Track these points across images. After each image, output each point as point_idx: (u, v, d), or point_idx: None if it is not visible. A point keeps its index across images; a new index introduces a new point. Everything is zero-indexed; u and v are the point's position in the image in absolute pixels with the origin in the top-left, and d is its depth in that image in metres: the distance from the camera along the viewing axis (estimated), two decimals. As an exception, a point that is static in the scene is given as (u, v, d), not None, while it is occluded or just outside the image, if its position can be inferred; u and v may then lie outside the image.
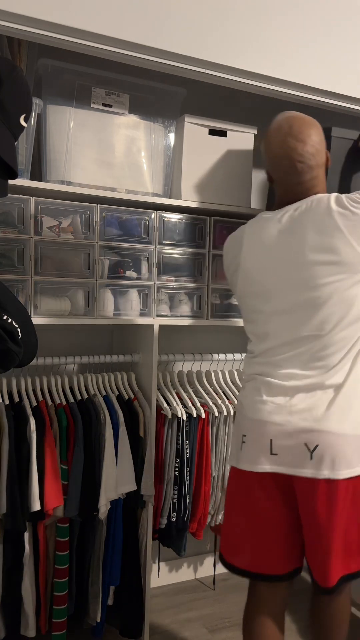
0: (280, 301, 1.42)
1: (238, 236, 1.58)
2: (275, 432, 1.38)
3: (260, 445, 1.40)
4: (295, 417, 1.37)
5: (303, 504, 1.41)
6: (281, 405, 1.39)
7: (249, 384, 1.50)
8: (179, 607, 2.34)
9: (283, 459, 1.37)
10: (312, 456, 1.34)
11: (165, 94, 1.97)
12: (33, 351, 1.19)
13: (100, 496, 1.84)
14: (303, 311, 1.39)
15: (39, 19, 1.43)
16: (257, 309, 1.48)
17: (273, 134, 1.46)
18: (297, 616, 2.29)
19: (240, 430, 1.47)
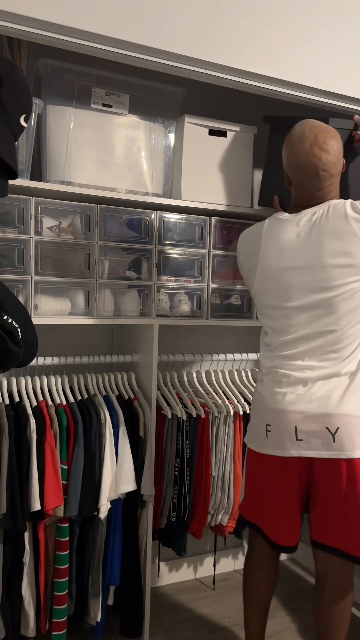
0: (299, 299, 1.55)
1: (255, 235, 1.67)
2: (299, 420, 1.53)
3: (286, 433, 1.54)
4: (315, 404, 1.52)
5: (325, 483, 1.56)
6: (301, 394, 1.54)
7: (268, 377, 1.63)
8: (179, 607, 2.34)
9: (308, 443, 1.53)
10: (335, 438, 1.50)
11: (165, 94, 1.97)
12: (33, 351, 1.19)
13: (101, 496, 1.84)
14: (320, 309, 1.52)
15: (39, 19, 1.43)
16: (275, 305, 1.60)
17: (297, 142, 1.57)
18: (297, 616, 2.29)
19: (264, 420, 1.61)
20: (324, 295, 1.51)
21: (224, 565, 2.64)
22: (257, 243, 1.65)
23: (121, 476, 1.89)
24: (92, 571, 1.92)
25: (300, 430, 1.53)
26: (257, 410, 1.66)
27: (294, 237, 1.55)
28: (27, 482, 1.75)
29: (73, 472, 1.81)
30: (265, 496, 1.66)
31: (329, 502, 1.57)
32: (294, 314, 1.56)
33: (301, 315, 1.55)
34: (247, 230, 1.76)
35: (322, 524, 1.61)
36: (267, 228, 1.63)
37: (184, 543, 2.20)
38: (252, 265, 1.67)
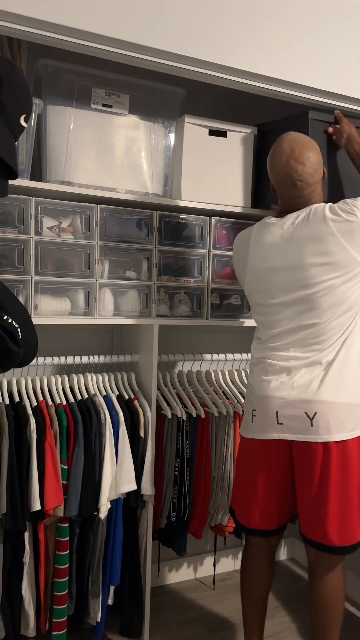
0: (283, 297, 1.66)
1: (245, 238, 1.80)
2: (280, 405, 1.63)
3: (268, 417, 1.65)
4: (296, 391, 1.62)
5: (302, 466, 1.64)
6: (284, 382, 1.65)
7: (257, 367, 1.74)
8: (179, 607, 2.34)
9: (288, 427, 1.63)
10: (312, 423, 1.59)
11: (165, 94, 1.97)
12: (33, 351, 1.19)
13: (101, 496, 1.84)
14: (303, 305, 1.63)
15: (39, 19, 1.43)
16: (263, 302, 1.72)
17: (277, 156, 1.67)
18: (297, 616, 2.29)
19: (251, 406, 1.72)
20: (305, 292, 1.62)
21: (224, 565, 2.64)
22: (247, 246, 1.76)
23: (121, 476, 1.89)
24: (92, 571, 1.92)
25: (281, 414, 1.63)
26: (246, 397, 1.79)
27: (278, 239, 1.67)
28: (27, 482, 1.75)
29: (73, 472, 1.81)
30: (244, 479, 1.75)
31: (304, 489, 1.65)
32: (279, 310, 1.68)
33: (286, 310, 1.66)
34: (240, 233, 1.85)
35: (305, 516, 1.68)
36: (255, 231, 1.75)
37: (184, 543, 2.20)
38: (243, 267, 1.78)
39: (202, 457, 2.14)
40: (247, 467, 1.74)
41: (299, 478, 1.66)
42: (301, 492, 1.67)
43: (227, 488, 2.19)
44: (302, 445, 1.62)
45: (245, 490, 1.74)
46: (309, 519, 1.66)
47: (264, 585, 1.81)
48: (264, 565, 1.80)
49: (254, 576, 1.81)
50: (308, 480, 1.63)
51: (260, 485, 1.70)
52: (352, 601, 2.40)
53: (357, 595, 2.42)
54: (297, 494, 1.69)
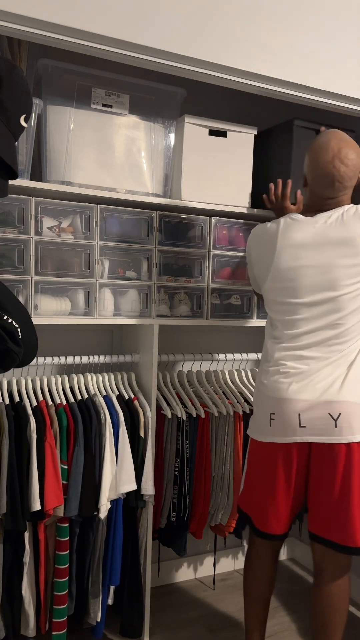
0: (309, 296, 1.64)
1: (270, 234, 1.73)
2: (302, 407, 1.61)
3: (290, 420, 1.62)
4: (318, 393, 1.60)
5: (323, 468, 1.63)
6: (306, 384, 1.62)
7: (273, 368, 1.70)
8: (179, 607, 2.34)
9: (311, 429, 1.60)
10: (336, 424, 1.58)
11: (165, 94, 1.97)
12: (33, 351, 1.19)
13: (101, 496, 1.84)
14: (329, 306, 1.62)
15: (39, 19, 1.43)
16: (287, 301, 1.68)
17: (321, 151, 1.65)
18: (297, 616, 2.29)
19: (268, 409, 1.68)
20: (332, 293, 1.61)
21: (224, 565, 2.64)
22: (273, 242, 1.70)
23: (121, 476, 1.89)
24: (92, 571, 1.92)
25: (303, 417, 1.61)
26: (261, 401, 1.73)
27: (309, 238, 1.64)
28: (27, 482, 1.75)
29: (73, 472, 1.81)
30: (262, 484, 1.71)
31: (324, 490, 1.63)
32: (303, 310, 1.65)
33: (311, 310, 1.64)
34: (259, 228, 1.80)
35: (318, 515, 1.67)
36: (283, 228, 1.70)
37: (184, 543, 2.20)
38: (266, 264, 1.73)
39: (202, 457, 2.14)
40: (265, 471, 1.70)
41: (317, 479, 1.65)
42: (318, 493, 1.65)
43: (227, 488, 2.19)
44: (324, 446, 1.61)
45: (263, 495, 1.71)
46: (326, 519, 1.64)
47: (267, 586, 1.81)
48: (267, 566, 1.80)
49: (257, 577, 1.80)
50: (329, 482, 1.61)
51: (279, 490, 1.67)
52: (352, 601, 2.40)
53: (357, 595, 2.42)
54: (312, 495, 1.67)
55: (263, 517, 1.72)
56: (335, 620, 1.68)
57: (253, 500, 1.76)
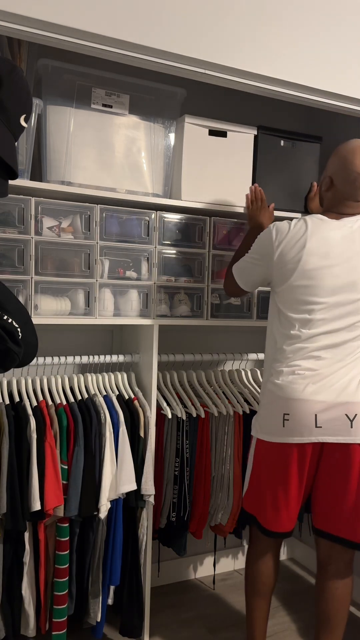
0: (332, 297, 1.66)
1: (299, 233, 1.71)
2: (319, 408, 1.63)
3: (306, 421, 1.64)
4: (334, 394, 1.63)
5: (336, 467, 1.66)
6: (322, 385, 1.64)
7: (288, 369, 1.70)
8: (179, 607, 2.34)
9: (327, 430, 1.63)
10: (352, 424, 1.61)
11: (165, 94, 1.97)
12: (33, 351, 1.19)
13: (101, 496, 1.84)
14: (348, 308, 1.66)
15: (39, 19, 1.43)
16: (309, 299, 1.69)
17: (352, 154, 1.69)
18: (297, 616, 2.29)
19: (281, 410, 1.68)
20: (354, 296, 1.65)
21: (224, 565, 2.64)
22: (302, 241, 1.69)
23: (121, 476, 1.89)
24: (92, 571, 1.92)
25: (320, 418, 1.63)
26: (272, 401, 1.71)
27: (339, 239, 1.68)
28: (27, 482, 1.75)
29: (73, 472, 1.81)
30: (272, 485, 1.72)
31: (337, 489, 1.66)
32: (324, 310, 1.67)
33: (331, 311, 1.67)
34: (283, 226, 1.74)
35: (327, 512, 1.70)
36: (312, 228, 1.70)
37: (184, 543, 2.20)
38: (291, 262, 1.70)
39: (202, 457, 2.14)
40: (275, 472, 1.71)
41: (329, 478, 1.68)
42: (330, 491, 1.68)
43: (227, 488, 2.19)
44: (339, 447, 1.64)
45: (274, 495, 1.71)
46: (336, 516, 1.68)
47: (271, 580, 1.83)
48: (270, 562, 1.82)
49: (261, 571, 1.82)
50: (342, 481, 1.65)
51: (292, 489, 1.69)
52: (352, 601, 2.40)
53: (357, 595, 2.42)
54: (320, 493, 1.71)
55: (274, 517, 1.73)
56: (339, 615, 1.72)
57: (261, 501, 1.76)
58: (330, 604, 1.72)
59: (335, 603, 1.71)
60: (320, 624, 1.75)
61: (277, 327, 1.77)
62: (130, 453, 1.92)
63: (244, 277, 1.85)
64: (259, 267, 1.80)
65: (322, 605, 1.74)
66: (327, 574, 1.73)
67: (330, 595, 1.72)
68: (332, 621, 1.72)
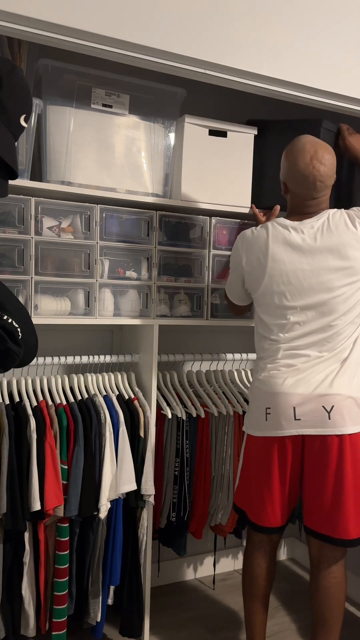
0: (305, 300, 1.69)
1: (260, 239, 1.76)
2: (298, 401, 1.66)
3: (285, 414, 1.67)
4: (312, 387, 1.66)
5: (316, 460, 1.67)
6: (300, 379, 1.68)
7: (270, 366, 1.75)
8: (179, 607, 2.34)
9: (305, 422, 1.65)
10: (330, 416, 1.64)
11: (165, 94, 1.97)
12: (33, 351, 1.19)
13: (101, 496, 1.84)
14: (322, 308, 1.68)
15: (39, 19, 1.43)
16: (282, 305, 1.73)
17: (300, 155, 1.71)
18: (297, 616, 2.30)
19: (263, 404, 1.72)
20: (325, 296, 1.67)
21: (224, 565, 2.64)
22: (264, 247, 1.74)
23: (121, 476, 1.89)
24: (92, 571, 1.92)
25: (298, 410, 1.66)
26: (257, 396, 1.76)
27: (300, 242, 1.70)
28: (27, 482, 1.75)
29: (73, 472, 1.81)
30: (257, 478, 1.74)
31: (318, 483, 1.67)
32: (297, 313, 1.70)
33: (305, 313, 1.70)
34: (247, 234, 1.81)
35: (312, 509, 1.70)
36: (273, 233, 1.74)
37: (184, 543, 2.20)
38: (258, 270, 1.76)
39: (202, 457, 2.14)
40: (260, 466, 1.73)
41: (311, 472, 1.69)
42: (312, 485, 1.69)
43: (227, 488, 2.19)
44: (318, 439, 1.65)
45: (259, 489, 1.74)
46: (319, 513, 1.68)
47: (266, 582, 1.82)
48: (266, 561, 1.82)
49: (256, 573, 1.82)
50: (322, 474, 1.66)
51: (275, 483, 1.71)
52: (352, 601, 2.40)
53: (357, 595, 2.42)
54: (306, 488, 1.71)
55: (260, 511, 1.74)
56: (334, 613, 1.71)
57: (249, 495, 1.78)
58: (325, 603, 1.72)
59: (330, 601, 1.71)
60: (316, 622, 1.74)
61: (259, 330, 1.83)
62: (130, 453, 1.92)
63: (231, 292, 1.94)
64: (236, 276, 1.87)
65: (317, 604, 1.74)
66: (319, 572, 1.73)
67: (325, 593, 1.71)
68: (328, 620, 1.72)
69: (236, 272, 1.86)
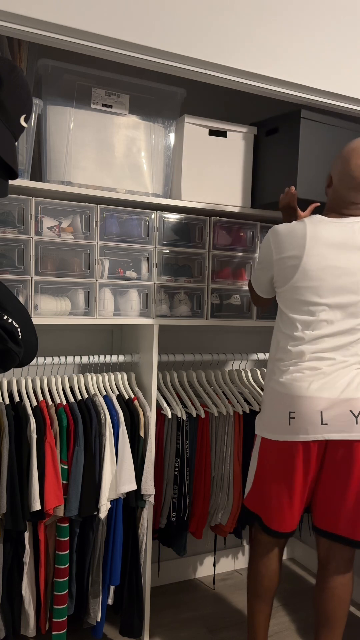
0: (334, 298, 1.67)
1: (298, 233, 1.71)
2: (324, 405, 1.63)
3: (311, 418, 1.64)
4: (338, 391, 1.64)
5: (339, 464, 1.66)
6: (325, 382, 1.65)
7: (293, 367, 1.71)
8: (179, 607, 2.34)
9: (332, 426, 1.63)
10: (357, 420, 1.62)
11: (165, 94, 1.97)
12: (33, 351, 1.19)
13: (101, 496, 1.84)
14: (350, 309, 1.66)
15: (39, 19, 1.43)
16: (311, 300, 1.69)
17: (354, 154, 1.67)
18: (297, 616, 2.30)
19: (286, 408, 1.68)
20: (355, 297, 1.65)
21: (224, 565, 2.64)
22: (301, 242, 1.69)
23: (121, 476, 1.89)
24: (92, 571, 1.92)
25: (325, 415, 1.63)
26: (276, 399, 1.72)
27: (338, 240, 1.67)
28: (27, 482, 1.75)
29: (73, 472, 1.81)
30: (276, 483, 1.71)
31: (339, 486, 1.66)
32: (326, 311, 1.68)
33: (333, 313, 1.67)
34: (283, 229, 1.75)
35: (327, 510, 1.70)
36: (311, 228, 1.70)
37: (184, 543, 2.20)
38: (292, 263, 1.71)
39: (202, 457, 2.14)
40: (280, 470, 1.70)
41: (331, 475, 1.68)
42: (331, 489, 1.68)
43: (227, 488, 2.19)
44: (342, 443, 1.64)
45: (278, 494, 1.71)
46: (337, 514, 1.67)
47: (272, 583, 1.82)
48: (275, 563, 1.81)
49: (263, 573, 1.81)
50: (344, 478, 1.65)
51: (297, 488, 1.68)
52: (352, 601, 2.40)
53: (357, 595, 2.42)
54: (322, 491, 1.70)
55: (278, 516, 1.72)
56: (339, 614, 1.72)
57: (265, 500, 1.75)
58: (330, 603, 1.72)
59: (335, 601, 1.72)
60: (320, 622, 1.75)
61: (281, 327, 1.78)
62: (130, 453, 1.92)
63: (257, 285, 1.89)
64: (264, 271, 1.82)
65: (322, 604, 1.74)
66: (327, 572, 1.73)
67: (330, 593, 1.72)
68: (332, 620, 1.72)
69: (265, 266, 1.80)
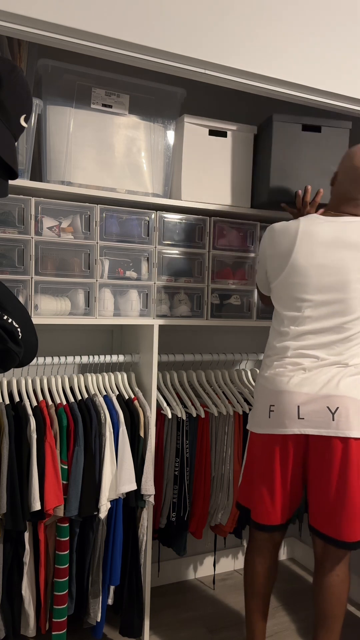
0: (319, 295, 1.67)
1: (291, 230, 1.74)
2: (302, 400, 1.65)
3: (289, 412, 1.66)
4: (317, 387, 1.65)
5: (320, 461, 1.66)
6: (306, 378, 1.67)
7: (277, 362, 1.74)
8: (178, 607, 2.34)
9: (309, 421, 1.64)
10: (334, 417, 1.62)
11: (165, 94, 1.97)
12: (33, 351, 1.19)
13: (100, 496, 1.84)
14: (335, 307, 1.66)
15: (39, 19, 1.43)
16: (299, 297, 1.71)
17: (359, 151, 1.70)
18: (297, 616, 2.30)
19: (267, 402, 1.72)
20: (341, 295, 1.65)
21: (224, 565, 2.64)
22: (292, 239, 1.72)
23: (121, 476, 1.89)
24: (92, 571, 1.92)
25: (302, 409, 1.65)
26: (261, 393, 1.76)
27: (329, 237, 1.68)
28: (27, 482, 1.75)
29: (73, 472, 1.81)
30: (259, 476, 1.75)
31: (322, 485, 1.67)
32: (311, 308, 1.69)
33: (318, 310, 1.68)
34: (278, 226, 1.79)
35: (317, 510, 1.70)
36: (304, 226, 1.72)
37: (184, 543, 2.20)
38: (282, 260, 1.74)
39: (202, 457, 2.14)
40: (262, 463, 1.73)
41: (315, 473, 1.69)
42: (316, 486, 1.69)
43: (227, 488, 2.19)
44: (321, 439, 1.65)
45: (261, 487, 1.74)
46: (323, 513, 1.68)
47: (267, 581, 1.83)
48: (268, 560, 1.82)
49: (257, 571, 1.82)
50: (326, 476, 1.65)
51: (277, 480, 1.71)
52: (351, 601, 2.40)
53: (357, 595, 2.42)
54: (311, 488, 1.71)
55: (261, 508, 1.75)
56: (336, 612, 1.72)
57: (252, 493, 1.78)
58: (328, 601, 1.73)
59: (332, 600, 1.72)
60: (318, 620, 1.75)
61: (273, 323, 1.82)
62: (130, 453, 1.92)
63: (258, 282, 1.93)
64: (261, 267, 1.86)
65: (320, 602, 1.75)
66: (323, 570, 1.74)
67: (327, 592, 1.72)
68: (329, 618, 1.73)
69: (261, 263, 1.86)
